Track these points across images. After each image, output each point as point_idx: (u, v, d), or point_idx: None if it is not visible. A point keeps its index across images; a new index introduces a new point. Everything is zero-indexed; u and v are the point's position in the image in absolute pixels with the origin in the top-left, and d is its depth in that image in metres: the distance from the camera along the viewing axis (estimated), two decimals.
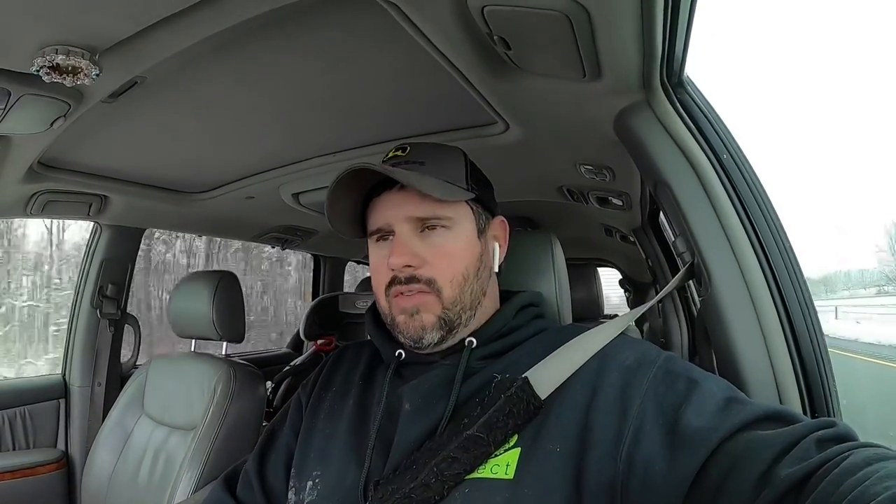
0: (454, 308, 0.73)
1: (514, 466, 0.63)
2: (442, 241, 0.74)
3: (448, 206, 0.74)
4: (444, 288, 0.73)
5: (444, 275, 0.73)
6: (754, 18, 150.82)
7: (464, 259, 0.75)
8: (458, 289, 0.74)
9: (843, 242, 23.87)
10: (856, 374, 8.32)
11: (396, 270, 0.73)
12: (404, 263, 0.72)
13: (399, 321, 0.74)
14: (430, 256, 0.73)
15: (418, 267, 0.73)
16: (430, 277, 0.73)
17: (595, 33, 0.72)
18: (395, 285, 0.73)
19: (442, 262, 0.73)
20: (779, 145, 71.88)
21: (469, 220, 0.77)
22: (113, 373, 2.01)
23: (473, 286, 0.75)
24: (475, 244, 0.77)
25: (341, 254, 3.20)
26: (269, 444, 0.88)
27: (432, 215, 0.73)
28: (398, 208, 0.74)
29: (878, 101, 79.42)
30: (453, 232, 0.75)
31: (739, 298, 0.81)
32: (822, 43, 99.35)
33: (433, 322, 0.73)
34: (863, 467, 0.45)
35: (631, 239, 2.21)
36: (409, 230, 0.74)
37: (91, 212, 1.74)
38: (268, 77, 1.06)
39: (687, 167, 0.86)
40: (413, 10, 0.75)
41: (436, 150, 0.79)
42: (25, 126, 1.01)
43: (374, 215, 0.77)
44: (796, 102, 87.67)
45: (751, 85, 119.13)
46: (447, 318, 0.73)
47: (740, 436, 0.55)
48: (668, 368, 0.65)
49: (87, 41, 0.76)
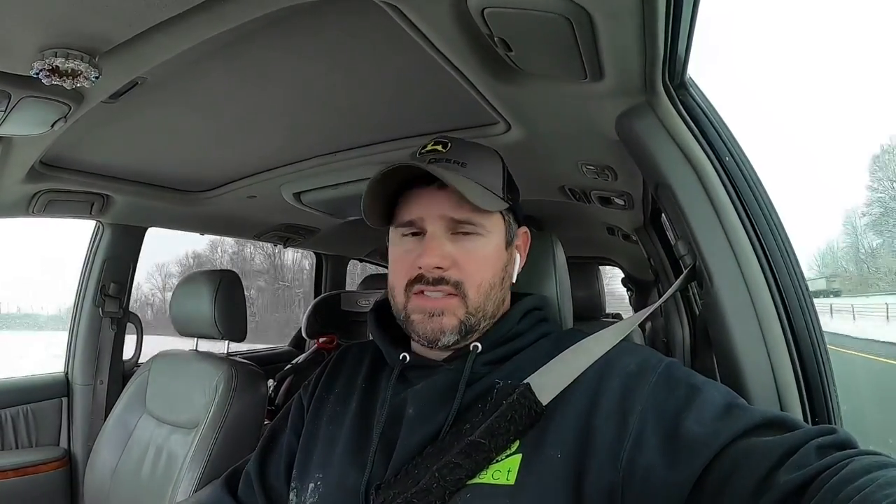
0: (476, 314, 0.73)
1: (516, 472, 0.63)
2: (473, 247, 0.74)
3: (483, 214, 0.73)
4: (469, 293, 0.72)
5: (472, 280, 0.73)
6: (758, 20, 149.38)
7: (492, 267, 0.75)
8: (483, 296, 0.73)
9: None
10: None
11: (425, 269, 0.71)
12: (436, 264, 0.71)
13: (415, 319, 0.73)
14: (460, 259, 0.72)
15: (447, 269, 0.72)
16: (459, 280, 0.72)
17: (596, 35, 0.72)
18: (420, 284, 0.72)
19: (471, 267, 0.73)
20: (781, 147, 71.68)
21: (500, 230, 0.77)
22: (115, 371, 2.01)
23: (497, 295, 0.76)
24: (503, 254, 0.77)
25: (343, 252, 3.20)
26: (271, 446, 0.88)
27: (467, 219, 0.73)
28: (434, 206, 0.73)
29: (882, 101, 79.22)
30: (485, 239, 0.75)
31: (741, 301, 0.81)
32: (825, 44, 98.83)
33: (454, 325, 0.72)
34: (863, 475, 0.45)
35: (633, 238, 2.21)
36: (441, 230, 0.73)
37: (93, 211, 1.74)
38: (269, 77, 1.06)
39: (689, 169, 0.86)
40: (413, 12, 0.75)
41: (476, 151, 0.78)
42: (26, 128, 1.01)
43: (407, 208, 0.75)
44: (800, 104, 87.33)
45: (754, 87, 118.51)
46: (468, 324, 0.73)
47: (740, 442, 0.55)
48: (669, 375, 0.65)
49: (86, 44, 0.75)
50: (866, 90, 77.57)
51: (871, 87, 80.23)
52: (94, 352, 1.97)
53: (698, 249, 0.85)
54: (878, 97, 79.46)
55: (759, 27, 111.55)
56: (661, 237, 1.93)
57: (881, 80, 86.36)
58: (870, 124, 66.09)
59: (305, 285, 5.27)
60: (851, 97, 75.83)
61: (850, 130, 69.15)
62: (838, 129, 71.93)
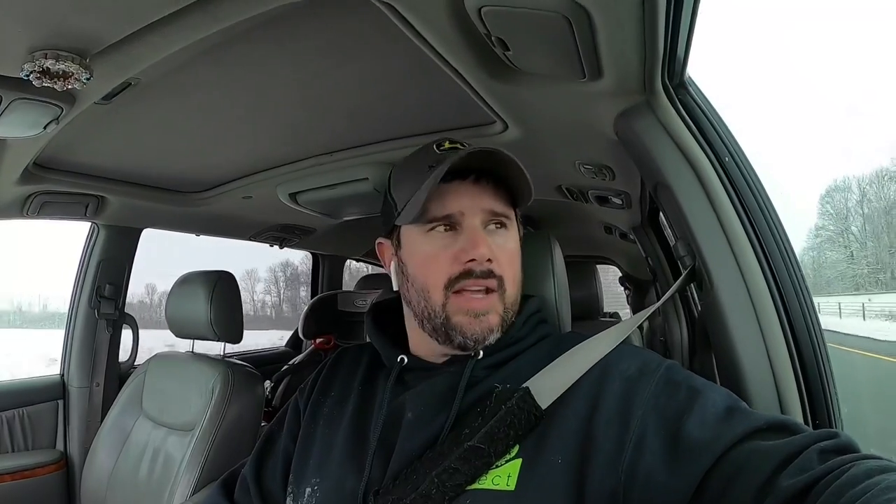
0: (512, 308, 0.73)
1: (516, 478, 0.63)
2: (506, 241, 0.74)
3: (511, 208, 0.74)
4: (508, 287, 0.72)
5: (509, 274, 0.73)
6: (758, 18, 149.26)
7: (518, 261, 0.76)
8: (516, 289, 0.74)
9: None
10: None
11: (478, 262, 0.69)
12: (488, 256, 0.70)
13: (460, 321, 0.71)
14: (498, 253, 0.72)
15: (493, 262, 0.71)
16: (501, 274, 0.71)
17: (595, 34, 0.71)
18: (464, 280, 0.70)
19: (507, 259, 0.73)
20: (782, 147, 71.88)
21: (516, 226, 0.78)
22: (111, 373, 2.00)
23: (520, 287, 0.76)
24: (519, 250, 0.77)
25: (340, 252, 3.19)
26: (267, 449, 0.87)
27: (505, 213, 0.73)
28: (475, 199, 0.72)
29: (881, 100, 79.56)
30: (512, 234, 0.75)
31: (740, 303, 0.80)
32: (826, 43, 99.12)
33: (497, 323, 0.71)
34: (864, 479, 0.45)
35: (631, 237, 2.21)
36: (480, 223, 0.72)
37: (88, 212, 1.73)
38: (264, 77, 1.05)
39: (688, 169, 0.86)
40: (410, 11, 0.75)
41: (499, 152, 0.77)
42: (18, 130, 1.00)
43: (443, 202, 0.72)
44: (800, 103, 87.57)
45: (754, 86, 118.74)
46: (506, 319, 0.72)
47: (742, 446, 0.55)
48: (670, 378, 0.64)
49: (76, 45, 0.74)
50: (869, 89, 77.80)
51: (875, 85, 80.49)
52: (90, 354, 1.97)
53: (698, 250, 0.85)
54: (882, 96, 79.76)
55: (759, 26, 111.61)
56: (658, 236, 1.93)
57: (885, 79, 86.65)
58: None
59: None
60: (854, 96, 76.05)
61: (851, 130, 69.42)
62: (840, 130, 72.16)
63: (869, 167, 21.76)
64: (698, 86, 0.89)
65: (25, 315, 10.91)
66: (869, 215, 21.07)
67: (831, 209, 22.35)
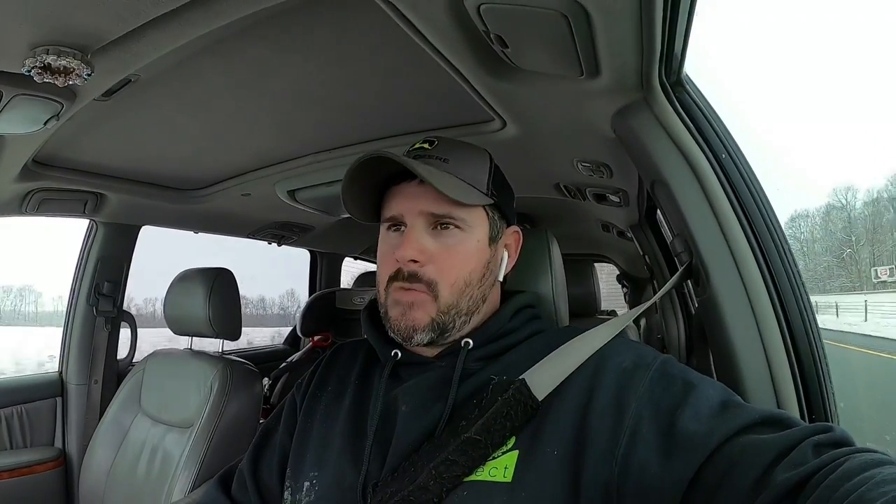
0: (449, 312, 0.72)
1: (513, 469, 0.63)
2: (453, 242, 0.73)
3: (464, 208, 0.73)
4: (442, 291, 0.72)
5: (447, 277, 0.72)
6: (756, 16, 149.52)
7: (469, 263, 0.74)
8: (457, 294, 0.73)
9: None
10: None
11: (401, 262, 0.72)
12: (411, 257, 0.71)
13: (392, 315, 0.73)
14: (437, 255, 0.72)
15: (423, 264, 0.71)
16: (432, 279, 0.72)
17: (593, 32, 0.72)
18: (398, 280, 0.73)
19: (447, 262, 0.72)
20: (780, 144, 71.84)
21: (483, 226, 0.76)
22: (110, 370, 2.01)
23: (474, 292, 0.75)
24: (484, 250, 0.76)
25: (338, 249, 3.19)
26: (264, 444, 0.87)
27: (447, 214, 0.72)
28: (414, 201, 0.73)
29: (880, 98, 79.58)
30: (465, 234, 0.74)
31: (737, 299, 0.81)
32: (824, 40, 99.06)
33: (426, 322, 0.72)
34: (859, 472, 0.45)
35: (628, 235, 2.21)
36: (421, 225, 0.73)
37: (87, 209, 1.73)
38: (263, 74, 1.05)
39: (685, 167, 0.86)
40: (408, 8, 0.75)
41: (462, 148, 0.78)
42: (18, 126, 1.00)
43: (390, 204, 0.75)
44: (797, 101, 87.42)
45: (751, 84, 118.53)
46: (440, 322, 0.72)
47: (736, 440, 0.55)
48: (665, 371, 0.65)
49: (78, 41, 0.74)
50: (868, 87, 77.81)
51: (874, 84, 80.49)
52: (89, 351, 1.97)
53: (695, 247, 0.85)
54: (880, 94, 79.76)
55: (761, 25, 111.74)
56: (656, 234, 1.93)
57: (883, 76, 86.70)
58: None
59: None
60: (853, 94, 76.05)
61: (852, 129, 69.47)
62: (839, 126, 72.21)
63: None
64: (695, 83, 0.89)
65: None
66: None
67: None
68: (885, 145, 75.66)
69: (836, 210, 21.09)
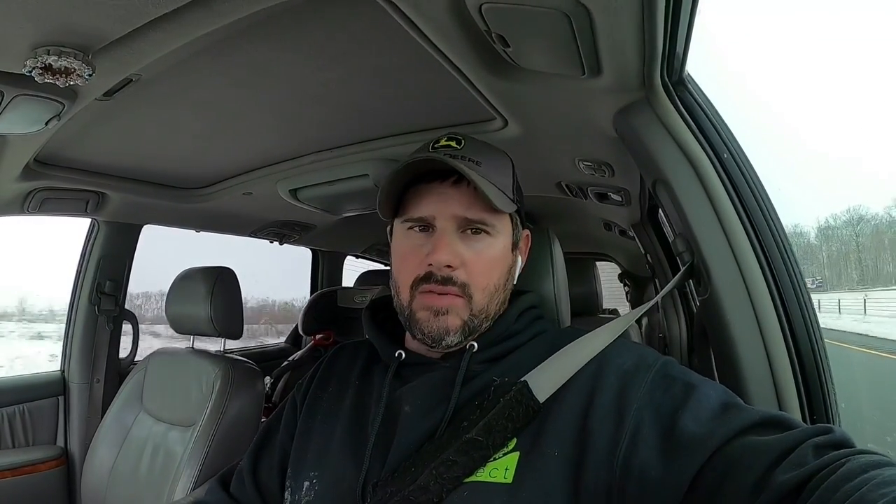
0: (480, 316, 0.72)
1: (513, 470, 0.63)
2: (483, 248, 0.73)
3: (496, 215, 0.73)
4: (475, 294, 0.72)
5: (479, 282, 0.72)
6: (758, 16, 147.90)
7: (498, 269, 0.74)
8: (487, 298, 0.73)
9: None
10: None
11: (435, 267, 0.70)
12: (448, 262, 0.70)
13: (420, 317, 0.72)
14: (469, 260, 0.72)
15: (457, 268, 0.71)
16: (466, 282, 0.71)
17: (595, 32, 0.72)
18: (428, 282, 0.71)
19: (479, 268, 0.72)
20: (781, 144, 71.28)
21: (508, 232, 0.76)
22: (111, 369, 2.01)
23: (500, 297, 0.75)
24: (508, 256, 0.76)
25: (340, 248, 3.19)
26: (264, 444, 0.87)
27: (481, 220, 0.72)
28: (448, 203, 0.72)
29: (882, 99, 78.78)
30: (494, 240, 0.74)
31: (739, 299, 0.81)
32: (825, 39, 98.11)
33: (458, 326, 0.71)
34: (860, 474, 0.45)
35: (630, 234, 2.21)
36: (452, 228, 0.72)
37: (88, 209, 1.73)
38: (265, 73, 1.05)
39: (687, 166, 0.86)
40: (410, 8, 0.75)
41: (490, 151, 0.77)
42: (20, 126, 1.00)
43: (418, 203, 0.73)
44: (799, 100, 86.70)
45: (753, 83, 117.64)
46: (471, 325, 0.72)
47: (737, 441, 0.55)
48: (666, 373, 0.65)
49: (79, 41, 0.75)
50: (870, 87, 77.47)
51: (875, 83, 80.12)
52: (91, 350, 1.97)
53: (696, 246, 0.85)
54: (882, 94, 79.44)
55: (763, 24, 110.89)
56: (657, 233, 1.93)
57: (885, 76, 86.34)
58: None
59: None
60: (855, 94, 75.72)
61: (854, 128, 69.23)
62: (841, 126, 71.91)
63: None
64: (697, 83, 0.89)
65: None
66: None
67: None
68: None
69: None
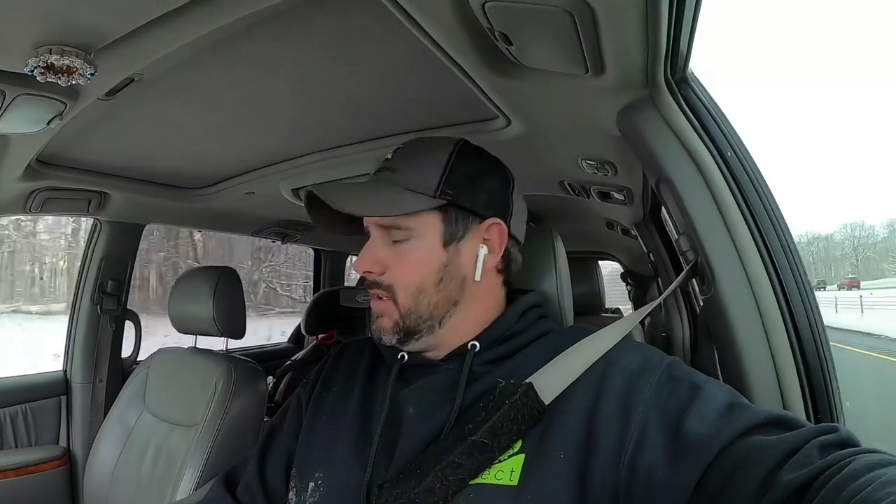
0: (410, 316, 0.74)
1: (519, 473, 0.63)
2: (405, 251, 0.74)
3: (409, 217, 0.73)
4: (399, 296, 0.74)
5: (401, 283, 0.74)
6: (761, 14, 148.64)
7: (420, 270, 0.74)
8: (412, 299, 0.74)
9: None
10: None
11: (359, 274, 0.77)
12: (364, 269, 0.75)
13: (373, 318, 0.77)
14: (391, 264, 0.74)
15: (379, 273, 0.74)
16: (390, 284, 0.74)
17: (599, 30, 0.71)
18: (367, 287, 0.77)
19: (401, 270, 0.74)
20: (784, 143, 71.10)
21: (434, 230, 0.74)
22: (114, 369, 2.01)
23: (431, 297, 0.74)
24: (437, 254, 0.74)
25: (342, 248, 3.20)
26: (269, 444, 0.87)
27: (392, 224, 0.74)
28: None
29: (883, 98, 78.42)
30: (416, 242, 0.74)
31: (743, 299, 0.80)
32: (828, 38, 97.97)
33: (390, 327, 0.74)
34: (865, 473, 0.45)
35: (632, 233, 2.20)
36: (380, 236, 0.76)
37: (90, 208, 1.73)
38: (267, 73, 1.05)
39: (690, 165, 0.85)
40: (413, 6, 0.74)
41: (418, 153, 0.77)
42: (22, 126, 1.00)
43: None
44: (802, 99, 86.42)
45: (757, 82, 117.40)
46: (403, 326, 0.74)
47: (742, 441, 0.55)
48: (672, 374, 0.64)
49: (81, 41, 0.74)
50: (872, 86, 77.26)
51: (878, 83, 79.90)
52: (93, 350, 1.98)
53: (700, 245, 0.85)
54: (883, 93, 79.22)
55: (767, 23, 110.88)
56: (660, 232, 1.93)
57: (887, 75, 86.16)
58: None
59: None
60: (857, 93, 75.52)
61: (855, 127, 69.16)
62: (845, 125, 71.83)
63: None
64: (701, 81, 0.89)
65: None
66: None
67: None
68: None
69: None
